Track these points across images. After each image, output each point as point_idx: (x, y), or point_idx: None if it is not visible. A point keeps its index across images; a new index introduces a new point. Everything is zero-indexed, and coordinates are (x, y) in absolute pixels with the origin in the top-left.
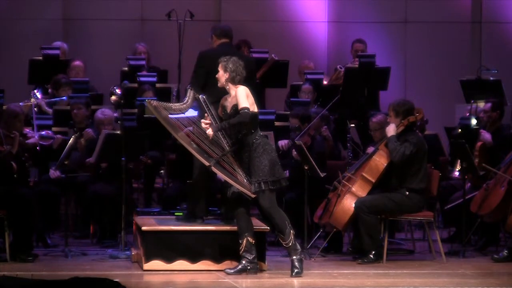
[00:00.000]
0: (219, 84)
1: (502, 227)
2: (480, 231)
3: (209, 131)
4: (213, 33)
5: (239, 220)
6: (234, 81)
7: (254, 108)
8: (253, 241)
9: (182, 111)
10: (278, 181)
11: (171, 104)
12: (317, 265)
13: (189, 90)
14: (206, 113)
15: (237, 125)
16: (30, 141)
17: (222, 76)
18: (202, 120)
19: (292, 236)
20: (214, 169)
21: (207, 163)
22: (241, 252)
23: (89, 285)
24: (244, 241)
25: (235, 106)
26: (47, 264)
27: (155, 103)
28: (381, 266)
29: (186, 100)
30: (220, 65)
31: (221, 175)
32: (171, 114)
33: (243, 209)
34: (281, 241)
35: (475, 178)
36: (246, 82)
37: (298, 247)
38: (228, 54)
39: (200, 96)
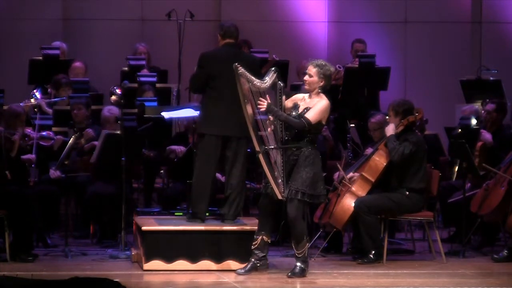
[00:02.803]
0: (307, 88)
1: (502, 227)
2: (480, 231)
3: (263, 107)
4: (219, 32)
5: (261, 216)
6: (325, 89)
7: (322, 121)
8: (269, 240)
9: (260, 89)
10: (317, 197)
11: (253, 78)
12: (317, 265)
13: (272, 72)
14: (276, 101)
15: (288, 125)
16: (26, 156)
17: (316, 82)
18: (260, 98)
19: (306, 249)
20: (260, 157)
21: (257, 148)
22: (253, 248)
23: (89, 285)
24: (259, 239)
25: (307, 109)
26: (47, 264)
27: (242, 69)
28: (381, 266)
29: (266, 80)
30: (314, 71)
31: (263, 166)
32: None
33: (270, 206)
34: (294, 249)
35: (475, 178)
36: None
37: (308, 260)
38: (230, 55)
39: (279, 82)
